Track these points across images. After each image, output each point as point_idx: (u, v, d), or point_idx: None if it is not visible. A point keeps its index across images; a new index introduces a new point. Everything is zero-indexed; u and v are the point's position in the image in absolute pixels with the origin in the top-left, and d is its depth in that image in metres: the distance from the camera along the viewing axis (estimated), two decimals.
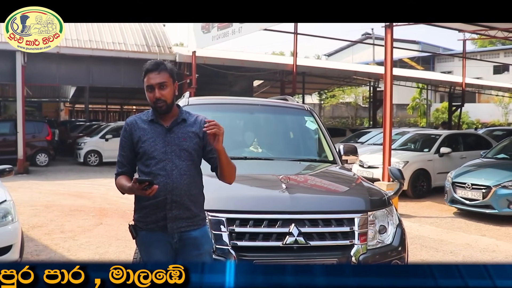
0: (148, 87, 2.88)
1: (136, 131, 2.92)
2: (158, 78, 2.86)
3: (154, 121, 2.93)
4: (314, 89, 38.30)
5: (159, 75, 2.86)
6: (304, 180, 4.20)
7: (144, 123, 2.94)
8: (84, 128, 23.22)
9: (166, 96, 2.87)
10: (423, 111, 42.67)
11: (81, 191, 12.15)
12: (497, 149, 10.83)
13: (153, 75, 2.86)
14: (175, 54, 18.21)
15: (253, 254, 3.39)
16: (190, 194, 2.87)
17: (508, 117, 38.52)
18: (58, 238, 7.22)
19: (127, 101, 38.33)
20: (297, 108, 5.57)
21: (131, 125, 2.96)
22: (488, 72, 43.17)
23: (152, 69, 2.87)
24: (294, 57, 20.36)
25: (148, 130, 2.91)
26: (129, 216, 8.89)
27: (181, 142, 2.88)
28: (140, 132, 2.91)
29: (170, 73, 2.90)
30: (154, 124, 2.93)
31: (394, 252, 3.77)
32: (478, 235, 8.11)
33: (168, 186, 2.81)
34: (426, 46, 50.49)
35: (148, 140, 2.89)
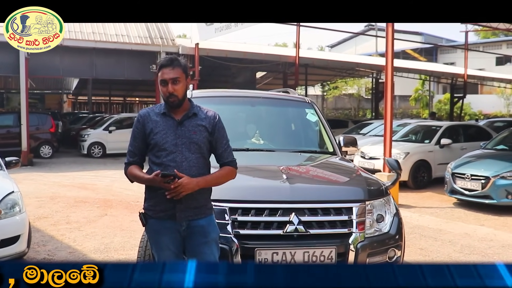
0: (162, 81, 3.01)
1: (149, 123, 3.06)
2: (172, 74, 2.99)
3: (166, 114, 3.06)
4: (317, 81, 38.36)
5: (172, 71, 3.00)
6: (304, 171, 4.32)
7: (157, 115, 3.08)
8: (88, 120, 23.36)
9: (178, 91, 3.01)
10: (425, 102, 42.70)
11: (85, 182, 12.29)
12: (497, 140, 10.92)
13: (167, 70, 2.99)
14: (178, 46, 18.28)
15: (254, 242, 3.51)
16: None
17: (510, 108, 38.54)
18: (64, 229, 7.36)
19: (130, 93, 38.43)
20: (298, 101, 5.68)
21: (144, 117, 3.09)
22: (491, 63, 43.10)
23: (167, 64, 3.00)
24: (297, 48, 20.44)
25: (160, 123, 3.04)
26: (133, 207, 9.10)
27: (191, 135, 3.02)
28: (152, 124, 3.05)
29: (183, 69, 3.04)
30: (166, 117, 3.06)
31: (392, 240, 3.89)
32: (476, 225, 8.22)
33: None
34: (429, 38, 50.40)
35: (159, 132, 3.02)
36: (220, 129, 3.13)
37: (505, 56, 39.19)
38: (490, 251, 6.59)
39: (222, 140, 3.13)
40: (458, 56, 46.80)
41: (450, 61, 47.45)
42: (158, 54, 18.01)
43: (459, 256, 6.30)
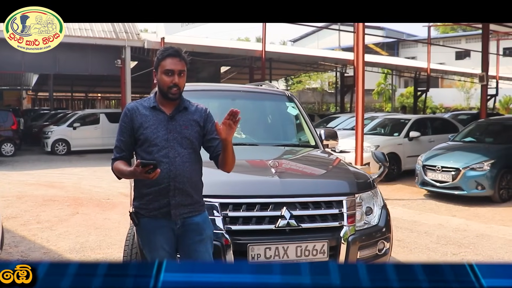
0: (168, 71, 2.89)
1: (138, 117, 2.93)
2: (180, 65, 2.89)
3: (156, 108, 2.95)
4: (281, 75, 38.45)
5: (180, 63, 2.90)
6: (292, 165, 4.27)
7: (146, 109, 2.95)
8: (50, 117, 22.76)
9: (181, 84, 2.92)
10: (388, 96, 43.40)
11: (52, 180, 11.95)
12: (464, 132, 11.16)
13: (175, 60, 2.89)
14: (143, 40, 17.96)
15: (246, 238, 3.45)
16: (192, 181, 2.92)
17: (470, 101, 39.55)
18: (35, 229, 7.12)
19: (92, 88, 37.69)
20: (278, 94, 5.63)
21: (132, 111, 2.96)
22: (451, 57, 44.14)
23: (175, 54, 2.90)
24: (263, 43, 20.37)
25: (150, 117, 2.92)
26: (104, 205, 8.91)
27: (183, 130, 2.92)
28: (142, 119, 2.92)
29: (187, 64, 2.95)
30: (156, 111, 2.94)
31: (381, 233, 3.89)
32: (449, 216, 8.38)
33: (171, 173, 2.84)
34: (390, 32, 51.17)
35: (150, 127, 2.90)
36: (213, 122, 3.04)
37: (465, 51, 40.14)
38: (465, 241, 6.71)
39: (214, 133, 3.01)
40: (419, 50, 47.78)
41: (411, 55, 48.40)
42: (123, 48, 17.68)
43: (436, 247, 6.40)
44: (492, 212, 8.62)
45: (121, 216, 7.93)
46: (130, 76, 17.85)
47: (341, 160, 4.53)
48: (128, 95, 17.95)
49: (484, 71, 12.88)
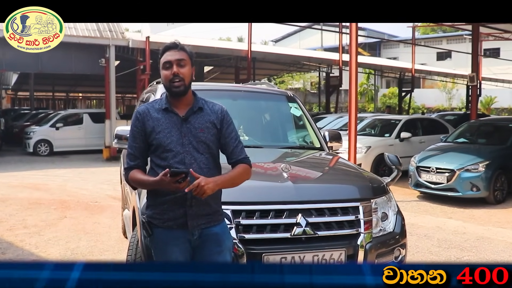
0: (166, 63, 2.68)
1: (149, 121, 2.70)
2: (178, 55, 2.68)
3: (168, 110, 2.72)
4: (264, 75, 38.27)
5: (178, 52, 2.69)
6: (304, 169, 4.08)
7: (157, 112, 2.72)
8: (31, 117, 22.27)
9: (184, 74, 2.68)
10: (370, 96, 43.59)
11: (36, 182, 11.59)
12: (457, 133, 11.11)
13: (172, 51, 2.68)
14: (128, 39, 17.62)
15: (261, 247, 3.25)
16: None
17: (451, 102, 39.90)
18: (22, 234, 6.83)
19: (74, 88, 37.04)
20: (280, 94, 5.44)
21: (143, 114, 2.73)
22: (432, 58, 44.48)
23: (172, 47, 2.70)
24: (249, 42, 20.22)
25: (162, 120, 2.70)
26: (93, 208, 8.63)
27: (198, 133, 2.69)
28: (153, 122, 2.69)
29: (189, 55, 2.72)
30: (168, 113, 2.71)
31: (397, 239, 3.73)
32: (445, 218, 8.29)
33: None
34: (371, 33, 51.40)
35: (163, 131, 2.67)
36: (230, 124, 2.82)
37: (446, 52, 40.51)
38: (466, 244, 6.60)
39: (232, 135, 2.81)
40: (400, 51, 48.09)
41: (393, 55, 48.69)
42: (107, 47, 17.30)
43: (439, 251, 6.27)
44: (488, 214, 8.55)
45: (111, 220, 7.67)
46: (114, 76, 17.50)
47: (351, 163, 4.36)
48: (112, 95, 17.60)
49: (474, 71, 12.86)
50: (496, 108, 37.85)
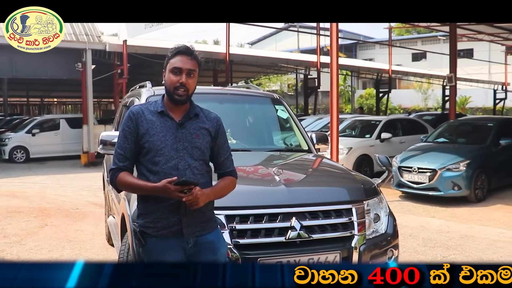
0: (176, 69, 2.62)
1: (143, 122, 2.63)
2: (190, 64, 2.62)
3: (164, 114, 2.66)
4: (241, 78, 38.23)
5: (191, 61, 2.62)
6: (295, 172, 4.06)
7: (152, 114, 2.65)
8: (5, 123, 21.81)
9: (190, 85, 2.63)
10: (347, 97, 43.88)
11: (13, 190, 11.34)
12: (437, 133, 11.23)
13: (185, 58, 2.62)
14: (105, 43, 17.41)
15: (256, 252, 3.22)
16: None
17: (427, 102, 40.41)
18: (2, 244, 6.65)
19: (48, 93, 36.45)
20: (267, 97, 5.41)
21: (137, 115, 2.65)
22: (407, 59, 45.02)
23: (186, 52, 2.63)
24: (227, 45, 20.15)
25: (157, 124, 2.63)
26: (74, 216, 8.47)
27: (193, 139, 2.64)
28: (148, 125, 2.62)
29: (199, 65, 2.68)
30: (163, 117, 2.65)
31: (390, 241, 3.74)
32: (428, 217, 8.36)
33: None
34: (347, 34, 51.81)
35: (157, 134, 2.60)
36: (223, 134, 2.79)
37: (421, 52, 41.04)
38: (451, 243, 6.66)
39: (225, 146, 2.79)
40: (376, 52, 48.56)
41: (369, 57, 49.12)
42: (84, 51, 17.06)
43: (425, 250, 6.31)
44: (469, 212, 8.65)
45: (94, 226, 7.54)
46: (91, 80, 17.26)
47: (341, 165, 4.35)
48: (89, 100, 17.36)
49: (452, 72, 13.01)
50: (471, 107, 38.46)
